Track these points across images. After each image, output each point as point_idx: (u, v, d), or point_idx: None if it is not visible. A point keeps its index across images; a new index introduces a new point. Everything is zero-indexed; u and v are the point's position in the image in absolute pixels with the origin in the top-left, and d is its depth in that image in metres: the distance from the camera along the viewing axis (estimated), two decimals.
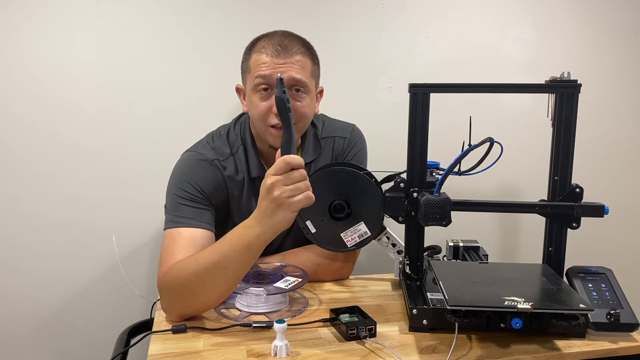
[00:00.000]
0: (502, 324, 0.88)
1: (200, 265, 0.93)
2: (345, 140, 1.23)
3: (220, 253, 0.92)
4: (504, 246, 1.66)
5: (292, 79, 1.05)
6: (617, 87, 1.64)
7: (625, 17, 1.60)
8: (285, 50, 1.05)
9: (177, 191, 1.07)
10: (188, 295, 0.95)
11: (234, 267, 0.92)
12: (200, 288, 0.94)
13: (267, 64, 1.04)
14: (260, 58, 1.05)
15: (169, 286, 0.96)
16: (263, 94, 1.06)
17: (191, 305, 0.97)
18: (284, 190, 0.85)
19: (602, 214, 0.98)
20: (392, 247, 1.12)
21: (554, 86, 1.00)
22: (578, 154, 1.00)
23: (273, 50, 1.05)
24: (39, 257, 1.36)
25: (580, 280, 1.00)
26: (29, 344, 1.39)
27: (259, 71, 1.05)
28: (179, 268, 0.96)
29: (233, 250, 0.91)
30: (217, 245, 0.94)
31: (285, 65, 1.04)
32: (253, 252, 0.91)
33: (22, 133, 1.30)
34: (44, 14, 1.27)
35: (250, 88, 1.07)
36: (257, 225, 0.89)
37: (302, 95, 1.08)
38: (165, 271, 0.98)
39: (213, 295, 0.96)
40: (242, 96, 1.15)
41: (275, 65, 1.04)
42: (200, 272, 0.92)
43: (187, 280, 0.94)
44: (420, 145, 1.01)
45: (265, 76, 1.04)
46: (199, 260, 0.94)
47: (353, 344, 0.89)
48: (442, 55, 1.52)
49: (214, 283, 0.93)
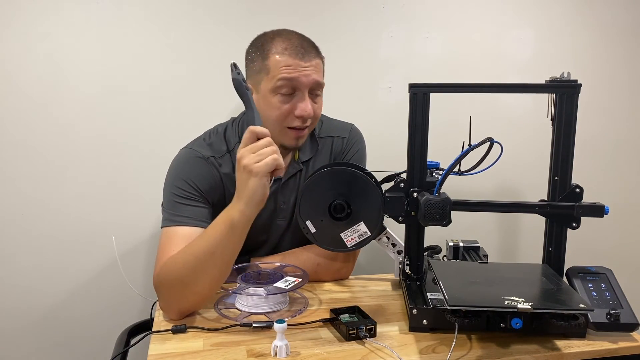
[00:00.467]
0: (502, 324, 0.88)
1: (189, 254, 0.95)
2: (344, 140, 1.23)
3: (206, 239, 0.94)
4: (504, 246, 1.67)
5: (316, 83, 1.06)
6: (617, 86, 1.64)
7: (624, 17, 1.60)
8: (307, 53, 1.06)
9: (174, 189, 1.07)
10: (182, 287, 0.96)
11: (221, 251, 0.93)
12: (192, 278, 0.94)
13: (292, 66, 1.04)
14: (284, 60, 1.04)
15: (163, 282, 0.97)
16: (284, 97, 1.05)
17: (187, 298, 0.97)
18: (250, 157, 0.89)
19: (602, 214, 0.97)
20: (392, 247, 1.12)
21: (554, 86, 1.00)
22: (578, 153, 1.00)
23: (297, 52, 1.04)
24: (38, 255, 1.36)
25: (580, 280, 1.00)
26: (29, 343, 1.39)
27: (284, 74, 1.03)
28: (171, 263, 0.97)
29: (219, 233, 0.92)
30: (204, 232, 0.97)
31: (309, 69, 1.05)
32: (237, 231, 0.92)
33: (22, 132, 1.31)
34: (44, 13, 1.27)
35: (270, 89, 1.05)
36: (237, 200, 0.92)
37: (318, 97, 1.10)
38: (159, 269, 0.99)
39: (205, 284, 0.96)
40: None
41: (302, 69, 1.04)
42: (190, 261, 0.94)
43: (179, 273, 0.95)
44: (420, 145, 1.01)
45: (292, 79, 1.04)
46: (188, 250, 0.96)
47: (353, 344, 0.89)
48: (442, 55, 1.52)
49: (204, 271, 0.94)
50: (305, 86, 1.05)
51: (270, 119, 1.07)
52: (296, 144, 1.11)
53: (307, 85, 1.05)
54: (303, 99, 1.05)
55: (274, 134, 1.08)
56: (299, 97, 1.06)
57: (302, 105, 1.05)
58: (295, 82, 1.04)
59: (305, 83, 1.05)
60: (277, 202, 1.18)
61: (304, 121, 1.07)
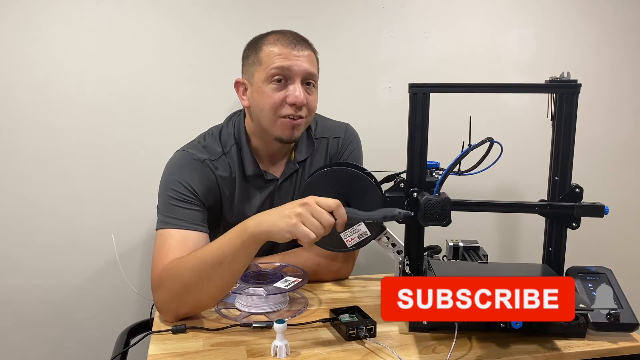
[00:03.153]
0: (502, 324, 0.88)
1: (198, 259, 0.94)
2: (340, 140, 1.23)
3: (216, 247, 0.94)
4: (504, 246, 1.66)
5: (308, 72, 1.07)
6: (617, 86, 1.64)
7: (624, 17, 1.60)
8: (300, 43, 1.08)
9: (169, 191, 1.07)
10: (184, 292, 0.95)
11: (228, 262, 0.92)
12: (196, 284, 0.94)
13: (285, 55, 1.06)
14: (276, 50, 1.06)
15: (166, 284, 0.97)
16: (277, 85, 1.06)
17: (187, 303, 0.97)
18: (307, 215, 0.88)
19: (602, 214, 0.97)
20: (392, 247, 1.12)
21: (553, 86, 1.00)
22: (578, 153, 1.00)
23: (289, 42, 1.07)
24: (38, 255, 1.36)
25: (580, 280, 1.00)
26: (29, 343, 1.39)
27: (276, 62, 1.05)
28: (177, 265, 0.96)
29: (229, 244, 0.92)
30: (216, 240, 0.96)
31: (301, 58, 1.07)
32: (245, 246, 0.91)
33: (21, 132, 1.30)
34: (44, 13, 1.27)
35: (263, 79, 1.07)
36: (255, 217, 0.92)
37: (313, 89, 1.11)
38: (161, 270, 0.98)
39: (209, 292, 0.96)
40: (241, 91, 1.14)
41: (292, 57, 1.06)
42: (197, 266, 0.94)
43: (185, 277, 0.94)
44: (420, 145, 1.01)
45: (283, 67, 1.05)
46: (198, 255, 0.95)
47: (353, 344, 0.89)
48: (442, 55, 1.52)
49: (210, 278, 0.94)
50: (297, 74, 1.06)
51: (265, 109, 1.08)
52: (291, 134, 1.10)
53: (299, 73, 1.06)
54: (295, 87, 1.06)
55: (269, 126, 1.09)
56: (292, 85, 1.07)
57: (295, 92, 1.06)
58: (287, 70, 1.05)
59: (297, 71, 1.06)
60: (274, 203, 1.17)
61: (297, 109, 1.07)
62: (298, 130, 1.10)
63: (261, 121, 1.10)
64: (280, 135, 1.09)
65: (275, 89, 1.06)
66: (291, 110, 1.07)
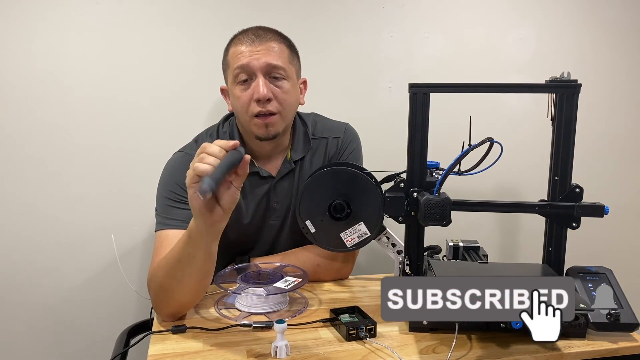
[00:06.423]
0: (502, 324, 0.88)
1: (166, 259, 0.95)
2: (339, 140, 1.22)
3: (175, 246, 0.93)
4: (504, 246, 1.66)
5: (268, 65, 1.06)
6: (617, 86, 1.64)
7: (624, 17, 1.60)
8: (259, 38, 1.07)
9: (166, 193, 1.07)
10: (163, 293, 0.96)
11: (187, 259, 0.91)
12: (169, 284, 0.94)
13: (244, 53, 1.06)
14: (237, 49, 1.07)
15: (150, 286, 0.98)
16: (243, 85, 1.07)
17: (169, 303, 0.97)
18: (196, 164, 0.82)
19: (602, 214, 0.97)
20: (392, 247, 1.12)
21: (554, 86, 1.00)
22: (578, 153, 1.00)
23: (248, 40, 1.07)
24: (38, 255, 1.36)
25: (580, 280, 1.00)
26: (29, 343, 1.40)
27: (237, 62, 1.06)
28: (155, 268, 0.98)
29: (181, 241, 0.91)
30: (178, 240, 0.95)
31: (260, 52, 1.06)
32: (193, 240, 0.88)
33: (22, 132, 1.31)
34: (44, 13, 1.27)
35: (231, 82, 1.09)
36: None
37: (282, 81, 1.09)
38: (149, 272, 1.00)
39: (183, 291, 0.95)
40: (227, 96, 1.16)
41: (251, 53, 1.06)
42: (165, 267, 0.94)
43: (160, 279, 0.95)
44: (420, 145, 1.01)
45: (244, 65, 1.06)
46: (167, 255, 0.95)
47: (353, 344, 0.89)
48: (442, 55, 1.52)
49: (176, 277, 0.93)
50: (257, 69, 1.06)
51: (239, 111, 1.10)
52: (267, 132, 1.09)
53: (259, 68, 1.06)
54: (258, 82, 1.06)
55: (247, 126, 1.10)
56: (254, 81, 1.07)
57: (257, 87, 1.06)
58: (247, 67, 1.06)
59: (257, 66, 1.06)
60: (270, 202, 1.17)
61: (263, 105, 1.07)
62: (273, 127, 1.10)
63: (242, 123, 1.12)
64: (257, 134, 1.10)
65: (242, 89, 1.07)
66: (259, 107, 1.07)
